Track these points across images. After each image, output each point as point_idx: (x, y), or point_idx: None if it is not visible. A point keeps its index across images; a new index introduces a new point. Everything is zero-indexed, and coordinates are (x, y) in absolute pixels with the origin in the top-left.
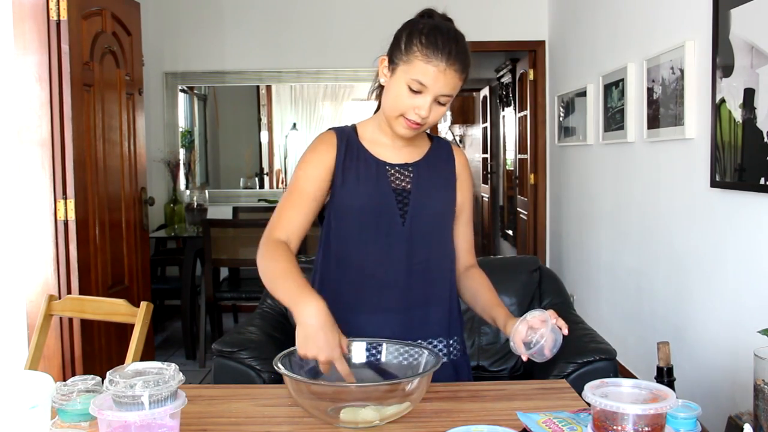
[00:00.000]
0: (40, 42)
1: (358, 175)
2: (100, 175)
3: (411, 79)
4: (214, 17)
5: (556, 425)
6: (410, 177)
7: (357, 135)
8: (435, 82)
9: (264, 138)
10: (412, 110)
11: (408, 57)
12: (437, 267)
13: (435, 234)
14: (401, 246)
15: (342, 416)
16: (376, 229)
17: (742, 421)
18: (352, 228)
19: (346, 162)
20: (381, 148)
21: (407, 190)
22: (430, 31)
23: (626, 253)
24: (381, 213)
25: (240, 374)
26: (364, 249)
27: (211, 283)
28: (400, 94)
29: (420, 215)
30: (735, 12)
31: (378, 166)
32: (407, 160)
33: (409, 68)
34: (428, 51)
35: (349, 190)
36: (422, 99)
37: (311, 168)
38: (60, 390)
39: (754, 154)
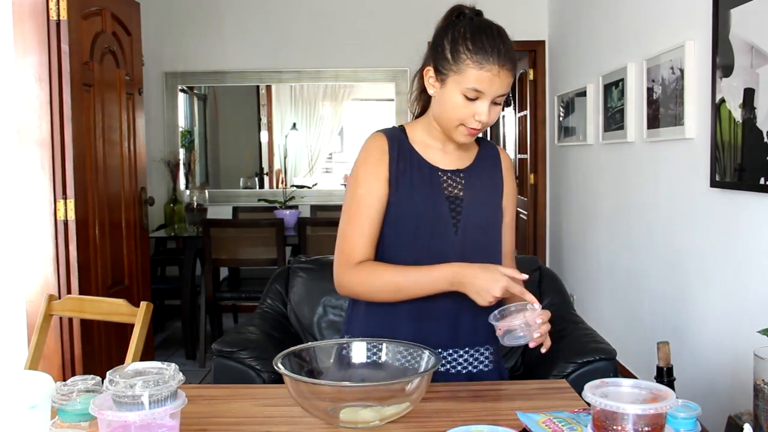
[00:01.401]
0: (40, 42)
1: (412, 181)
2: (100, 175)
3: (466, 88)
4: (214, 17)
5: (556, 425)
6: (462, 184)
7: (407, 138)
8: (491, 86)
9: (264, 138)
10: (472, 117)
11: (458, 66)
12: None
13: (486, 241)
14: (453, 254)
15: (342, 416)
16: (430, 237)
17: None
18: (406, 235)
19: (399, 166)
20: (432, 152)
21: (459, 198)
22: (473, 34)
23: (626, 253)
24: (435, 221)
25: (240, 374)
26: (417, 257)
27: (211, 283)
28: (456, 104)
29: (472, 223)
30: (735, 12)
31: (431, 172)
32: (458, 166)
33: (461, 78)
34: (479, 57)
35: (403, 196)
36: (481, 105)
37: (370, 183)
38: (60, 390)
39: (754, 154)
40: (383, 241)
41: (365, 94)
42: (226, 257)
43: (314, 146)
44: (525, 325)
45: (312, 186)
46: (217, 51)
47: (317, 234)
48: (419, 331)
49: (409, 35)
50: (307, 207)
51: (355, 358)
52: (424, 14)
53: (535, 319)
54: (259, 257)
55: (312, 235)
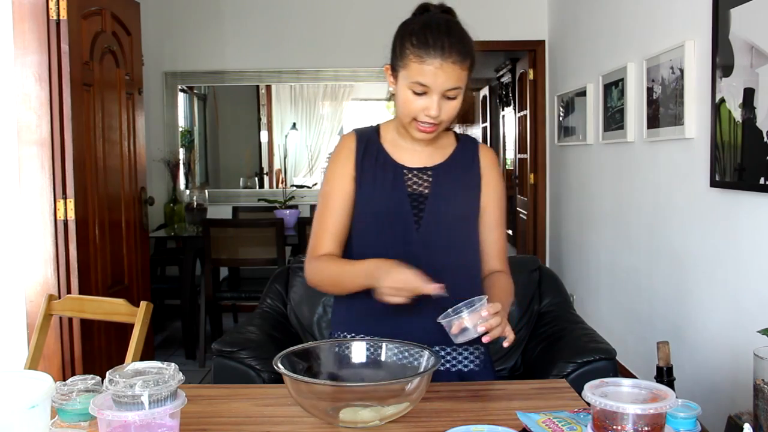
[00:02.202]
0: (40, 42)
1: (374, 179)
2: (100, 174)
3: (412, 83)
4: (214, 17)
5: (556, 425)
6: (429, 181)
7: (379, 136)
8: (435, 80)
9: (264, 138)
10: (422, 112)
11: (404, 61)
12: (458, 273)
13: (455, 239)
14: (417, 252)
15: (341, 416)
16: (392, 234)
17: (742, 421)
18: (370, 232)
19: (364, 164)
20: (401, 150)
21: (424, 195)
22: (420, 29)
23: (626, 253)
24: (395, 218)
25: (240, 374)
26: (382, 253)
27: (211, 282)
28: (406, 99)
29: (436, 220)
30: (735, 12)
31: (395, 169)
32: (427, 164)
33: (407, 72)
34: (420, 51)
35: (365, 194)
36: (428, 99)
37: (336, 182)
38: (60, 390)
39: (753, 154)
40: (353, 236)
41: (365, 94)
42: (226, 257)
43: (314, 146)
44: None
45: (312, 186)
46: (217, 51)
47: None
48: (406, 329)
49: None
50: (307, 207)
51: (355, 358)
52: None
53: (481, 312)
54: (259, 257)
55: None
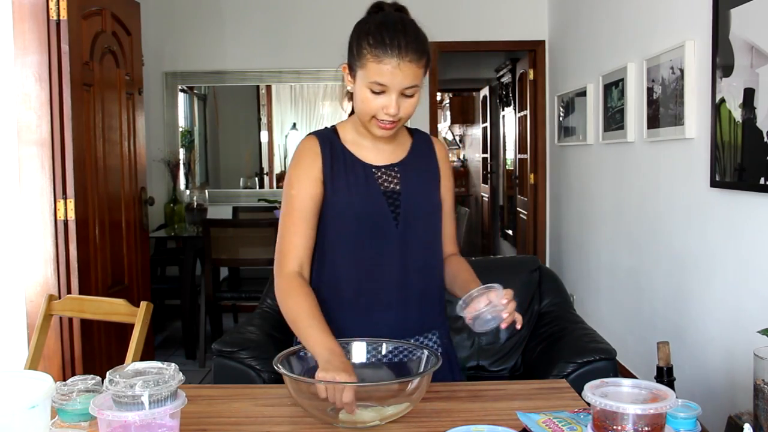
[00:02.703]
0: (40, 42)
1: (347, 181)
2: (100, 175)
3: (370, 82)
4: (214, 17)
5: (556, 425)
6: (398, 177)
7: (339, 137)
8: (393, 79)
9: (264, 138)
10: (381, 111)
11: (361, 61)
12: (430, 264)
13: (427, 232)
14: (395, 247)
15: (341, 416)
16: (371, 233)
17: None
18: (347, 234)
19: (333, 168)
20: (364, 150)
21: (397, 192)
22: (376, 29)
23: (626, 253)
24: (375, 217)
25: (240, 374)
26: (359, 253)
27: (211, 283)
28: (364, 98)
29: (412, 215)
30: (735, 12)
31: (365, 169)
32: (392, 161)
33: (365, 72)
34: (377, 51)
35: (340, 197)
36: (386, 98)
37: (302, 184)
38: (60, 390)
39: (754, 154)
40: (324, 241)
41: None
42: (226, 257)
43: None
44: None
45: None
46: (217, 51)
47: None
48: (367, 323)
49: None
50: None
51: (355, 358)
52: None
53: (501, 299)
54: (259, 257)
55: None
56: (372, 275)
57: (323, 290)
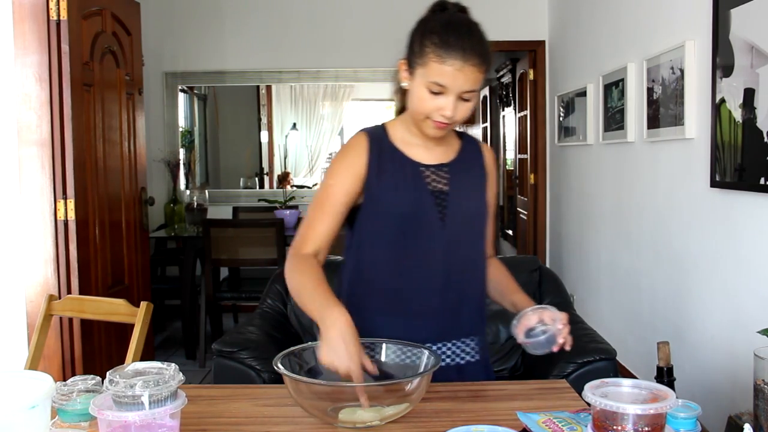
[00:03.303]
0: (40, 42)
1: (395, 179)
2: (100, 175)
3: (429, 82)
4: (214, 17)
5: (556, 425)
6: (447, 178)
7: (388, 136)
8: (454, 82)
9: (264, 138)
10: (437, 112)
11: (423, 59)
12: (473, 267)
13: (473, 235)
14: (440, 249)
15: (341, 416)
16: (416, 233)
17: (742, 421)
18: (391, 233)
19: (381, 165)
20: (414, 148)
21: (444, 192)
22: (441, 28)
23: (626, 253)
24: (421, 217)
25: (240, 374)
26: (402, 253)
27: (211, 283)
28: (422, 97)
29: (458, 217)
30: (735, 12)
31: (413, 168)
32: (442, 161)
33: (425, 71)
34: (442, 51)
35: (387, 195)
36: (444, 100)
37: (342, 177)
38: (60, 390)
39: (754, 154)
40: (365, 239)
41: (365, 94)
42: (226, 257)
43: (314, 146)
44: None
45: (312, 186)
46: (217, 51)
47: None
48: (404, 328)
49: None
50: (307, 207)
51: None
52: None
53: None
54: (259, 257)
55: None
56: (413, 276)
57: (360, 289)
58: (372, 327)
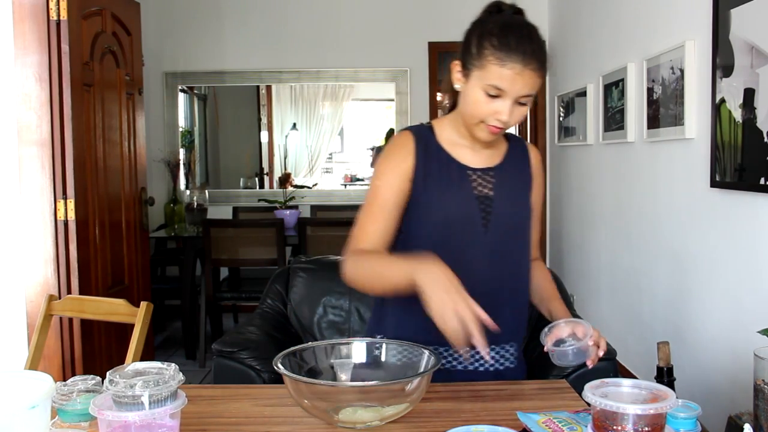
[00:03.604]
0: (40, 42)
1: (441, 182)
2: (100, 175)
3: (487, 85)
4: (214, 17)
5: (556, 425)
6: (492, 183)
7: (435, 135)
8: (513, 85)
9: (264, 138)
10: (492, 116)
11: (481, 62)
12: (516, 274)
13: (517, 241)
14: (484, 254)
15: (341, 416)
16: (459, 237)
17: (742, 421)
18: (433, 237)
19: (426, 167)
20: (461, 149)
21: (490, 197)
22: (501, 30)
23: (626, 253)
24: (464, 221)
25: (240, 374)
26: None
27: (211, 283)
28: (477, 100)
29: (502, 223)
30: (735, 12)
31: (460, 171)
32: (488, 164)
33: (483, 74)
34: (502, 53)
35: (432, 197)
36: (502, 103)
37: (389, 177)
38: (60, 390)
39: (754, 154)
40: (410, 241)
41: (365, 94)
42: (226, 257)
43: (314, 146)
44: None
45: (312, 186)
46: (217, 51)
47: (317, 234)
48: None
49: (409, 35)
50: (307, 207)
51: (355, 358)
52: (424, 14)
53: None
54: (259, 257)
55: (312, 235)
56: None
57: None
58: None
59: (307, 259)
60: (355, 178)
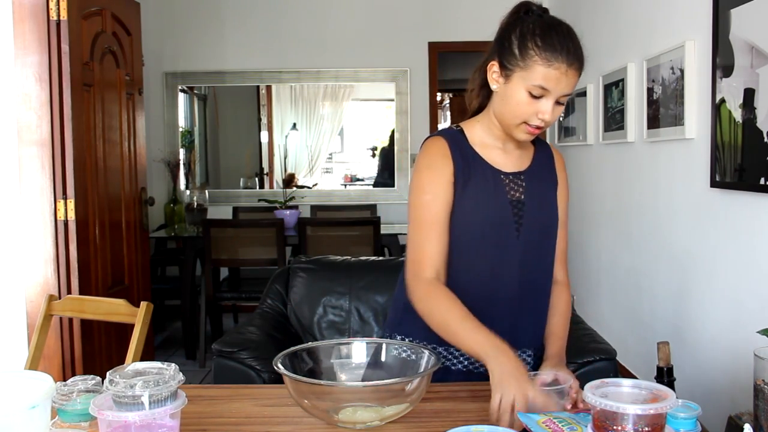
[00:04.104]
0: (40, 42)
1: (477, 186)
2: (100, 175)
3: (532, 85)
4: (214, 17)
5: (556, 425)
6: (523, 186)
7: (467, 139)
8: (557, 85)
9: (264, 138)
10: (535, 116)
11: (525, 62)
12: (543, 279)
13: (545, 245)
14: (515, 258)
15: (341, 416)
16: (494, 242)
17: (742, 421)
18: (469, 241)
19: (465, 172)
20: (493, 152)
21: (522, 201)
22: (543, 30)
23: (626, 253)
24: (499, 226)
25: (240, 374)
26: (478, 261)
27: (211, 283)
28: (520, 101)
29: (534, 227)
30: (735, 12)
31: (494, 174)
32: (519, 168)
33: (528, 74)
34: (547, 54)
35: (469, 202)
36: (545, 103)
37: (437, 189)
38: (60, 390)
39: (754, 154)
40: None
41: (365, 94)
42: (226, 257)
43: (314, 146)
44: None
45: (312, 186)
46: (217, 51)
47: (317, 234)
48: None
49: (409, 35)
50: (308, 207)
51: (355, 358)
52: (424, 14)
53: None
54: (259, 257)
55: (312, 235)
56: (488, 286)
57: None
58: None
59: (307, 259)
60: (355, 178)
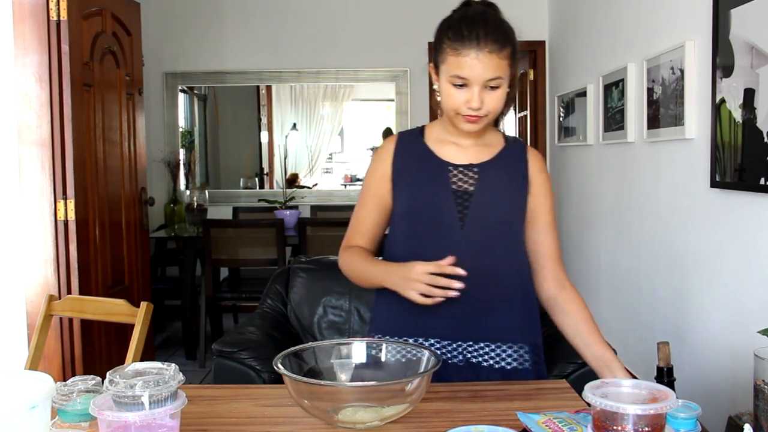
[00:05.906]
0: (40, 42)
1: (417, 177)
2: (100, 175)
3: (451, 77)
4: (214, 17)
5: (556, 425)
6: (474, 178)
7: (423, 136)
8: (472, 71)
9: (264, 138)
10: (464, 105)
11: (441, 56)
12: (503, 274)
13: (498, 239)
14: (460, 252)
15: (341, 416)
16: (434, 232)
17: (742, 421)
18: (410, 231)
19: (403, 165)
20: (446, 147)
21: (468, 192)
22: (457, 22)
23: (626, 253)
24: (438, 216)
25: (240, 374)
26: (422, 253)
27: (211, 283)
28: (448, 93)
29: (481, 219)
30: (735, 12)
31: (440, 166)
32: (473, 161)
33: (446, 67)
34: (456, 44)
35: (406, 192)
36: (468, 92)
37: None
38: (60, 390)
39: (754, 154)
40: (392, 237)
41: (365, 95)
42: (226, 257)
43: (314, 146)
44: None
45: (312, 186)
46: (217, 51)
47: (317, 234)
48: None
49: (409, 35)
50: (307, 207)
51: (355, 358)
52: (424, 14)
53: None
54: (259, 257)
55: (312, 235)
56: None
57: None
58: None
59: (307, 260)
60: (355, 178)
